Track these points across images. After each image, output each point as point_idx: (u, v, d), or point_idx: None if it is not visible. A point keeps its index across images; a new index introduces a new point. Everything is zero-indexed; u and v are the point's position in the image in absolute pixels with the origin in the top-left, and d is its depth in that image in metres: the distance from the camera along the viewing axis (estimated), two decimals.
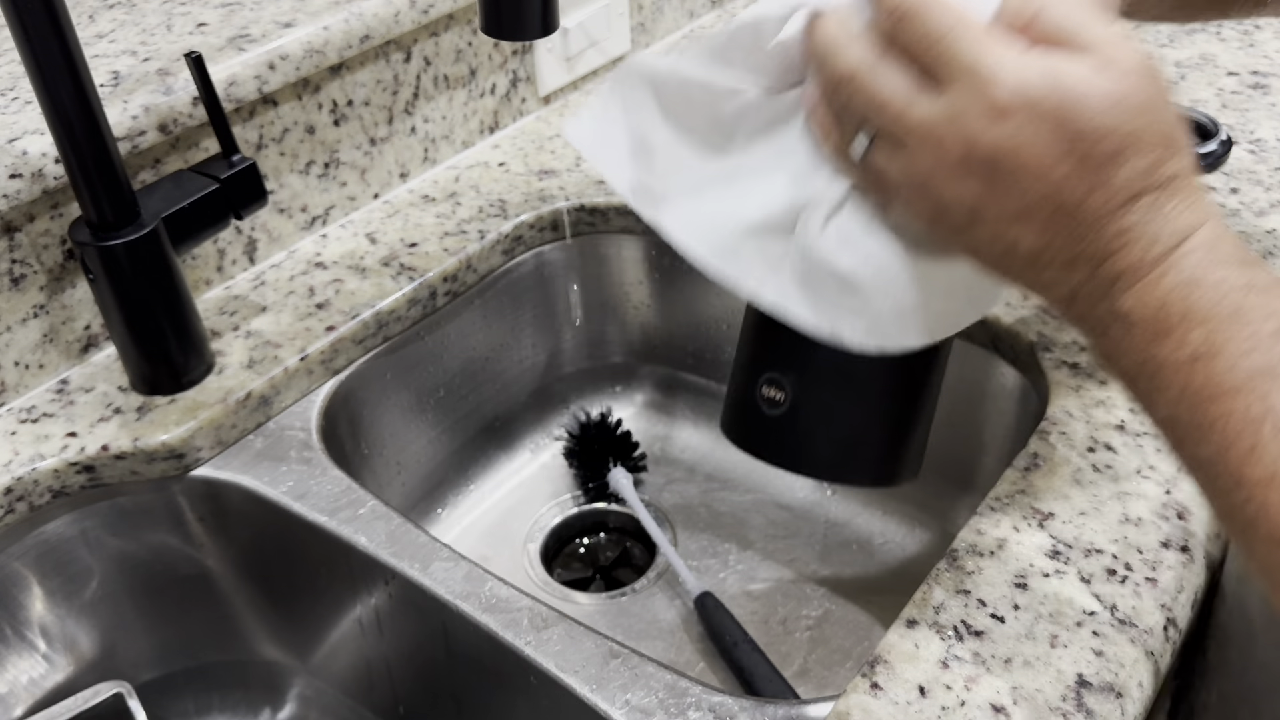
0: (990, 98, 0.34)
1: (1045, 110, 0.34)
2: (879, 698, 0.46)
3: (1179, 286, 0.34)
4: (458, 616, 0.55)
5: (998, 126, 0.34)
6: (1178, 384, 0.34)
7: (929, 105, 0.36)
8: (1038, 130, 0.34)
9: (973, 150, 0.35)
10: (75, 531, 0.63)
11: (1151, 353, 0.35)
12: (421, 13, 0.78)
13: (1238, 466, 0.33)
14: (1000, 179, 0.35)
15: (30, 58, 0.53)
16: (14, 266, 0.63)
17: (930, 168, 0.36)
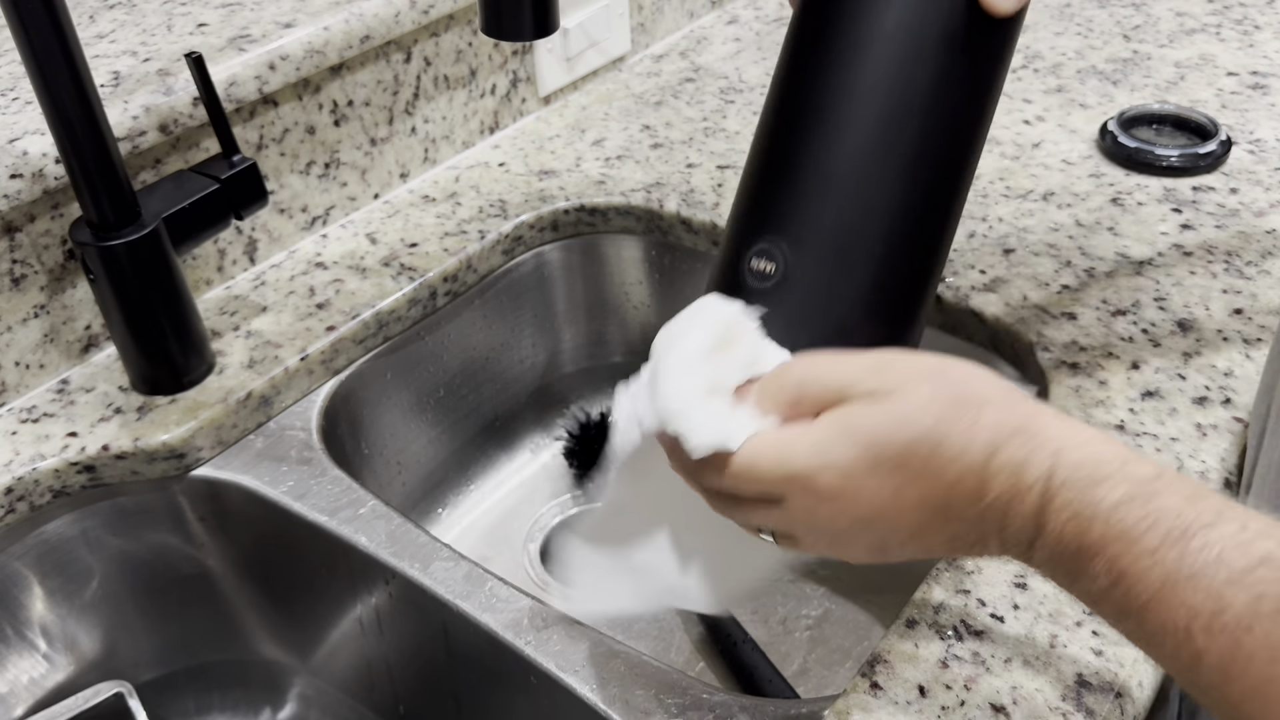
0: (815, 491, 0.38)
1: (859, 466, 0.38)
2: (879, 697, 0.46)
3: (1064, 527, 0.35)
4: (458, 616, 0.55)
5: (837, 503, 0.38)
6: (1112, 609, 0.35)
7: (790, 515, 0.40)
8: (866, 482, 0.38)
9: (841, 526, 0.39)
10: (76, 531, 0.63)
11: (1080, 588, 0.36)
12: (422, 13, 0.78)
13: (1189, 676, 0.34)
14: (877, 526, 0.39)
15: (31, 58, 0.53)
16: (14, 266, 0.63)
17: (828, 543, 0.41)
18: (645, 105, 0.94)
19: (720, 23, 1.09)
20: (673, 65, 1.01)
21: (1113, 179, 0.79)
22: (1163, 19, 1.03)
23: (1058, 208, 0.77)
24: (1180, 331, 0.64)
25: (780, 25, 1.08)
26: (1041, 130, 0.86)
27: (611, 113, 0.93)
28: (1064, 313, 0.67)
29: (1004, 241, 0.73)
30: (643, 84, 0.98)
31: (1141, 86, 0.91)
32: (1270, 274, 0.69)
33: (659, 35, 1.05)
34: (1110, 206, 0.76)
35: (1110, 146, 0.81)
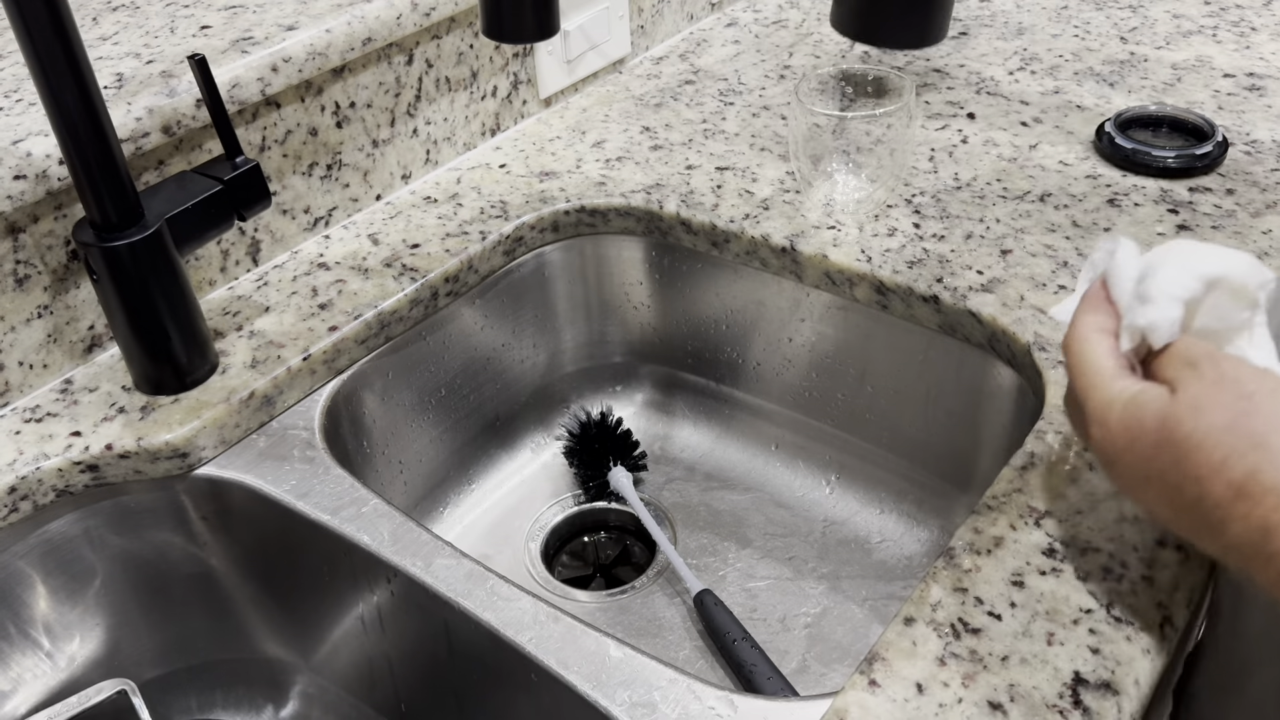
0: (1098, 443, 0.44)
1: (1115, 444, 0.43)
2: (877, 695, 0.47)
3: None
4: (459, 614, 0.55)
5: (1102, 452, 0.44)
6: None
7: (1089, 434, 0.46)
8: (1118, 460, 0.43)
9: (1114, 472, 0.45)
10: (79, 530, 0.64)
11: None
12: (423, 15, 0.79)
13: None
14: (1138, 497, 0.44)
15: (34, 60, 0.54)
16: (18, 267, 0.63)
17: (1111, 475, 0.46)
18: (645, 107, 0.94)
19: (719, 25, 1.10)
20: (672, 67, 1.01)
21: (1109, 180, 0.80)
22: (1159, 21, 1.03)
23: (1055, 209, 0.77)
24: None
25: (779, 28, 1.08)
26: (1039, 132, 0.87)
27: (612, 114, 0.94)
28: None
29: (1001, 242, 0.74)
30: (643, 86, 0.98)
31: (1138, 88, 0.91)
32: None
33: (659, 38, 1.05)
34: (1107, 208, 0.77)
35: (1107, 148, 0.82)
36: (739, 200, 0.80)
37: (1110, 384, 0.44)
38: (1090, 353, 0.46)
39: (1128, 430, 0.42)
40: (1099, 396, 0.44)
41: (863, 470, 0.82)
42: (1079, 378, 0.46)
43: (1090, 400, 0.44)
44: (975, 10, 1.08)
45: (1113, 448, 0.43)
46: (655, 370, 0.90)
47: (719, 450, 0.87)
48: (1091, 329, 0.46)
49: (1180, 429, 0.40)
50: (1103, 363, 0.45)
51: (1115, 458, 0.43)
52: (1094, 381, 0.45)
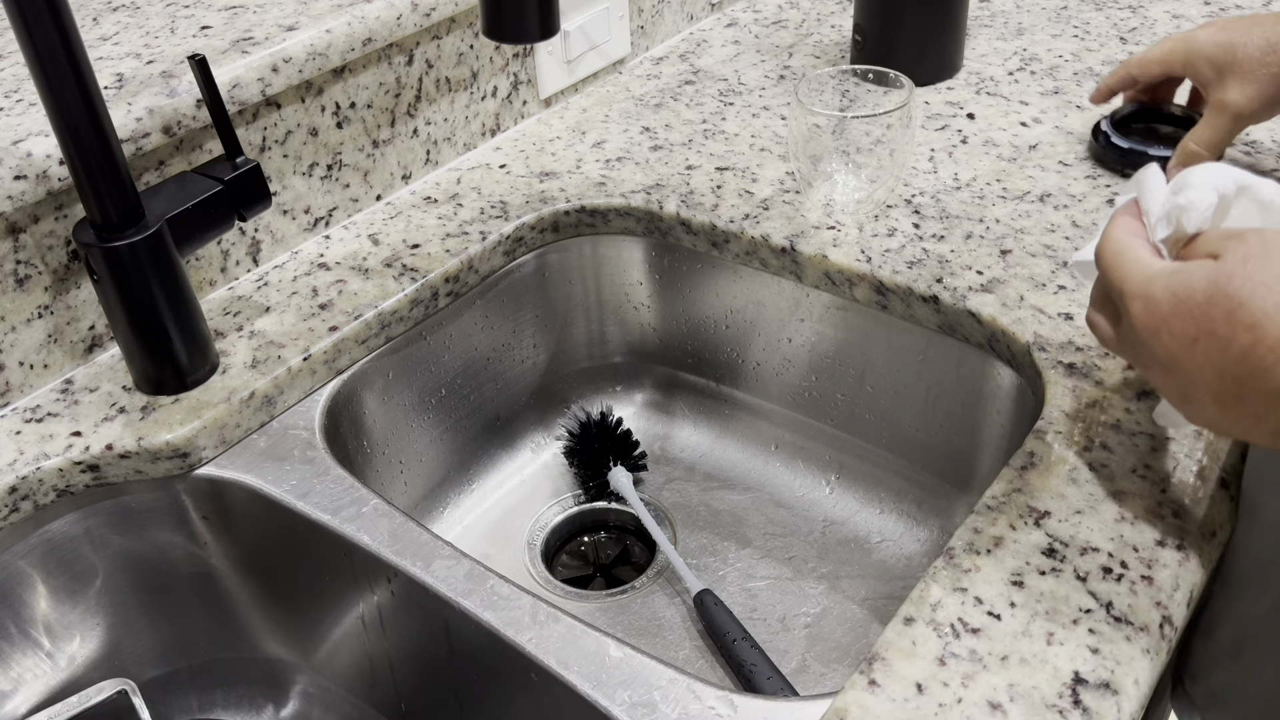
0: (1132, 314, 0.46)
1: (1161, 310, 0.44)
2: (877, 694, 0.47)
3: None
4: (459, 614, 0.55)
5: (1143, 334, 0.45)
6: None
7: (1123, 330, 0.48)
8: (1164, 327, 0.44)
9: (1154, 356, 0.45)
10: (79, 530, 0.64)
11: None
12: (424, 16, 0.79)
13: None
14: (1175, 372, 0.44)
15: (35, 60, 0.54)
16: (19, 267, 0.63)
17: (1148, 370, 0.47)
18: (645, 107, 0.94)
19: (719, 25, 1.10)
20: (672, 68, 1.01)
21: (1109, 180, 0.80)
22: (1159, 21, 1.04)
23: (1054, 209, 0.77)
24: None
25: (779, 28, 1.09)
26: (1038, 132, 0.87)
27: (612, 115, 0.94)
28: (1060, 313, 0.67)
29: (1001, 242, 0.74)
30: (642, 86, 0.98)
31: None
32: None
33: (659, 38, 1.05)
34: (1107, 208, 0.77)
35: (1103, 147, 0.82)
36: (739, 200, 0.80)
37: (1151, 263, 0.46)
38: (1127, 246, 0.47)
39: (1174, 295, 0.43)
40: (1140, 273, 0.45)
41: (862, 470, 0.82)
42: (1116, 268, 0.47)
43: (1130, 280, 0.46)
44: (975, 10, 1.08)
45: (1158, 314, 0.44)
46: (655, 370, 0.90)
47: (719, 450, 0.87)
48: (1124, 231, 0.48)
49: (1232, 283, 0.41)
50: (1140, 251, 0.47)
51: (1159, 324, 0.44)
52: (1133, 267, 0.46)
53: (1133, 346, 0.47)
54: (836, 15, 1.10)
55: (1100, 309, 0.50)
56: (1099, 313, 0.50)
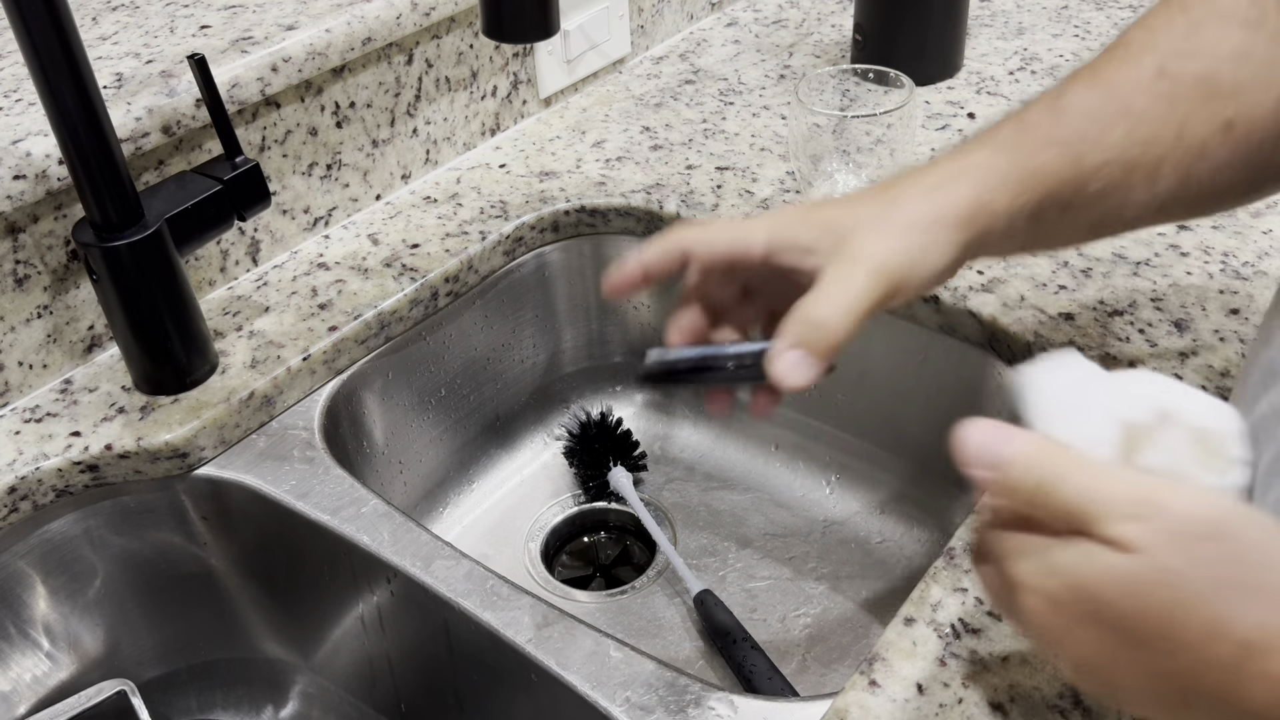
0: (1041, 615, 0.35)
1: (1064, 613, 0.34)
2: (877, 695, 0.47)
3: None
4: (459, 614, 0.55)
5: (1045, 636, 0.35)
6: None
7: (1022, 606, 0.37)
8: (1072, 631, 0.34)
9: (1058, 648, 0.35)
10: (79, 530, 0.64)
11: None
12: (423, 15, 0.79)
13: None
14: (1097, 674, 0.35)
15: (34, 59, 0.54)
16: (18, 267, 0.63)
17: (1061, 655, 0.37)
18: (645, 107, 0.94)
19: (719, 25, 1.10)
20: (672, 67, 1.01)
21: None
22: None
23: None
24: (1177, 332, 0.65)
25: (779, 27, 1.08)
26: None
27: (611, 114, 0.94)
28: (1061, 313, 0.67)
29: None
30: (642, 86, 0.98)
31: None
32: (1267, 274, 0.69)
33: (659, 37, 1.05)
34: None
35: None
36: (739, 200, 0.80)
37: (1044, 547, 0.35)
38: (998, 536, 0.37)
39: (1080, 606, 0.33)
40: (1028, 565, 0.35)
41: (863, 470, 0.82)
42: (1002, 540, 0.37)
43: (1016, 569, 0.35)
44: (976, 10, 1.08)
45: (1064, 614, 0.34)
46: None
47: (719, 450, 0.87)
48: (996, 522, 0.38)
49: (1153, 597, 0.32)
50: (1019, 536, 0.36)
51: (1066, 627, 0.34)
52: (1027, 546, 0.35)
53: (1029, 630, 0.37)
54: (837, 15, 1.10)
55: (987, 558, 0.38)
56: (986, 563, 0.38)
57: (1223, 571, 0.31)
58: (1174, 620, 0.31)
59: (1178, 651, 0.32)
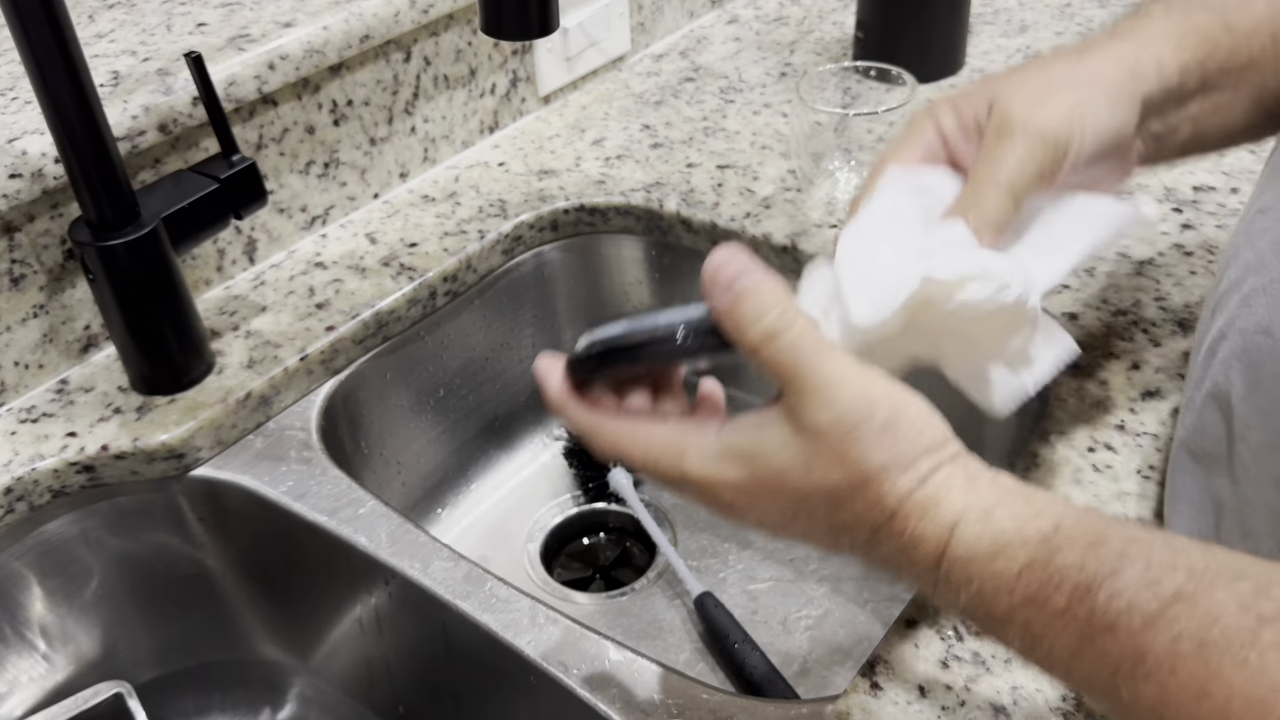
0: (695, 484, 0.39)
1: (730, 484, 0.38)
2: (879, 698, 0.46)
3: (969, 600, 0.35)
4: (458, 616, 0.55)
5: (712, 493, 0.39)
6: (1039, 666, 0.35)
7: None
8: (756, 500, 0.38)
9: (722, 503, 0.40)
10: (75, 531, 0.63)
11: (1004, 644, 0.36)
12: (421, 12, 0.78)
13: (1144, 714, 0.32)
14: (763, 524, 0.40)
15: (30, 57, 0.53)
16: (14, 266, 0.63)
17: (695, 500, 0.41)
18: (645, 105, 0.94)
19: (720, 22, 1.09)
20: (673, 65, 1.01)
21: None
22: None
23: None
24: (1181, 331, 0.64)
25: (780, 24, 1.08)
26: None
27: (611, 112, 0.93)
28: (1064, 313, 0.66)
29: None
30: (642, 83, 0.98)
31: None
32: None
33: (659, 35, 1.05)
34: None
35: None
36: (740, 199, 0.80)
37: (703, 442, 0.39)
38: None
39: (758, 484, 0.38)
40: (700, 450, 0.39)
41: None
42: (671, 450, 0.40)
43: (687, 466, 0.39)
44: (978, 7, 1.08)
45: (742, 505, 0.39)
46: None
47: None
48: None
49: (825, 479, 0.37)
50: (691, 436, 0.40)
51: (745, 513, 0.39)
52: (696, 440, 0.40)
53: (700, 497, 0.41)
54: (838, 12, 1.10)
55: None
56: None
57: (884, 456, 0.36)
58: (836, 508, 0.37)
59: (836, 531, 0.37)
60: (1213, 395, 0.46)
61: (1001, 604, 0.34)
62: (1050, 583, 0.33)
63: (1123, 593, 0.32)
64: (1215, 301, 0.48)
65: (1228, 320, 0.46)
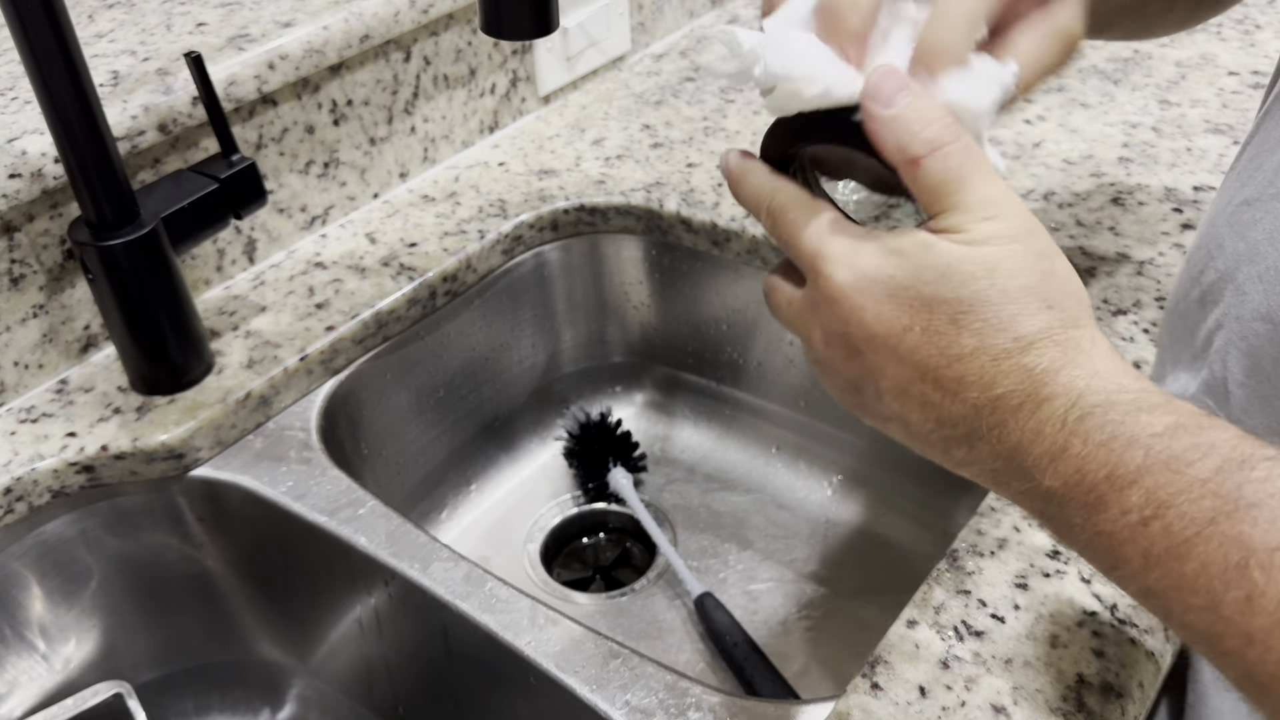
0: (827, 279, 0.36)
1: (876, 285, 0.35)
2: (879, 698, 0.46)
3: (1095, 450, 0.32)
4: (458, 617, 0.55)
5: (839, 307, 0.36)
6: (1137, 550, 0.31)
7: (799, 301, 0.39)
8: (874, 304, 0.35)
9: (826, 333, 0.38)
10: (75, 532, 0.63)
11: (1096, 526, 0.32)
12: (421, 12, 0.78)
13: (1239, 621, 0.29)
14: (857, 357, 0.37)
15: (30, 57, 0.53)
16: (13, 266, 0.63)
17: (815, 352, 0.40)
18: (645, 104, 0.94)
19: (720, 22, 1.09)
20: (673, 64, 1.01)
21: (1113, 179, 0.79)
22: None
23: (1058, 207, 0.76)
24: None
25: None
26: (1042, 130, 0.86)
27: (611, 112, 0.93)
28: None
29: None
30: (643, 83, 0.98)
31: (1142, 86, 0.91)
32: None
33: (659, 34, 1.05)
34: (1111, 206, 0.76)
35: None
36: None
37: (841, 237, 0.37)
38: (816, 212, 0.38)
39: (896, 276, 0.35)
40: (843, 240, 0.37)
41: (865, 471, 0.81)
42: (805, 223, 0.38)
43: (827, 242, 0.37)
44: None
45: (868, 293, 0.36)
46: (655, 370, 0.90)
47: (720, 451, 0.87)
48: None
49: (973, 284, 0.34)
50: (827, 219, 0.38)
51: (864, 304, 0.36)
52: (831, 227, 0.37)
53: (813, 315, 0.39)
54: None
55: (786, 272, 0.41)
56: (784, 277, 0.41)
57: (1032, 282, 0.34)
58: (972, 310, 0.34)
59: (960, 337, 0.34)
60: (1208, 386, 0.46)
61: (1132, 460, 0.31)
62: (1197, 449, 0.30)
63: (1278, 477, 0.29)
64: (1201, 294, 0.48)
65: (1223, 311, 0.46)
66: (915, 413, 0.36)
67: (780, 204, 0.39)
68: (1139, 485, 0.31)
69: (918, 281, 0.35)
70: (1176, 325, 0.51)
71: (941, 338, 0.34)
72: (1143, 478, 0.31)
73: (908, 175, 0.35)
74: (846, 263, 0.36)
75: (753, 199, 0.40)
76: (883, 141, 0.35)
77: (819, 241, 0.37)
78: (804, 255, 0.38)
